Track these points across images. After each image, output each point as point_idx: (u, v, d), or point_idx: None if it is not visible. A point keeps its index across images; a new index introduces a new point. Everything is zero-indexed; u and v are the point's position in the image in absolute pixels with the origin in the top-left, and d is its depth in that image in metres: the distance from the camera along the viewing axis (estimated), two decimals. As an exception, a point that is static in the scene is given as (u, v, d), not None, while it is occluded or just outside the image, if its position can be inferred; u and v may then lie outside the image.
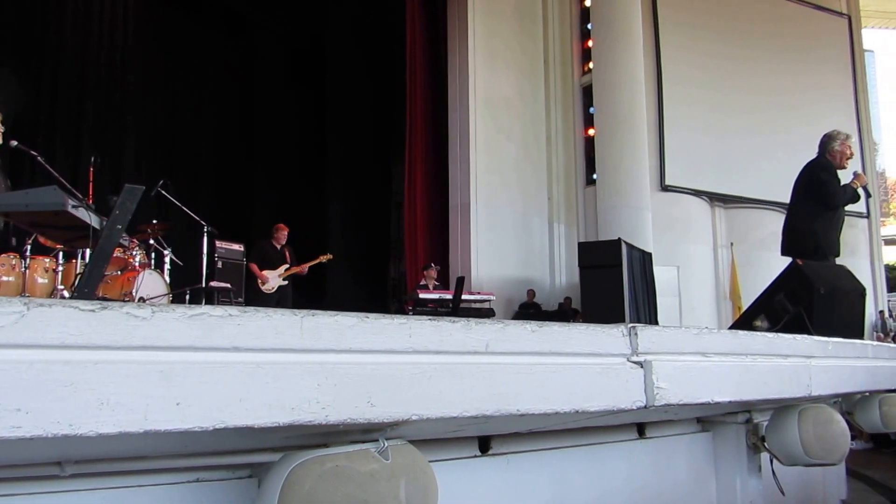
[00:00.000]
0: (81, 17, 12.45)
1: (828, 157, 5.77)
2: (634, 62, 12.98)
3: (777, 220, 14.49)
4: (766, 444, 2.69)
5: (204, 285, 8.40)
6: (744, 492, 2.74)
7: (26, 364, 0.91)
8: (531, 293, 12.96)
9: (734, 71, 14.92)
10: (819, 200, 5.64)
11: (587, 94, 14.31)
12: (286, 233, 9.54)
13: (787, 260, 4.82)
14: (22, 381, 0.90)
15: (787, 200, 6.03)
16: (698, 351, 2.01)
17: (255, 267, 9.27)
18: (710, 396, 1.96)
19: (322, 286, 13.23)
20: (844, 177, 5.79)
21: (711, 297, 14.22)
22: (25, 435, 0.90)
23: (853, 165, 6.03)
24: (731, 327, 4.90)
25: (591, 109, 13.85)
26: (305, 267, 9.50)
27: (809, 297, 4.04)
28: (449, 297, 10.02)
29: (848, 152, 5.75)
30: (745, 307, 7.77)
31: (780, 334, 2.47)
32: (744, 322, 4.51)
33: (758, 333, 2.48)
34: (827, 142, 5.83)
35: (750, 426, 2.79)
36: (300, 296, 9.74)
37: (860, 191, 5.67)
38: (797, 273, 4.25)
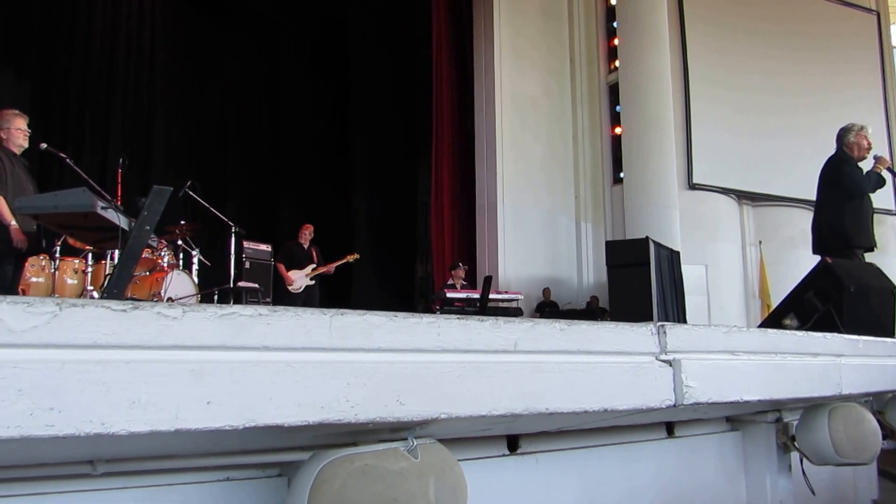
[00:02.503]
0: (109, 21, 12.61)
1: (845, 150, 5.75)
2: (661, 60, 12.87)
3: (805, 218, 14.28)
4: (796, 443, 2.66)
5: (232, 285, 8.46)
6: (774, 491, 2.71)
7: (59, 363, 0.92)
8: (547, 292, 12.89)
9: (761, 69, 14.71)
10: (843, 194, 5.60)
11: (614, 93, 14.21)
12: (312, 232, 9.58)
13: (816, 258, 4.74)
14: (55, 381, 0.91)
15: (816, 198, 5.97)
16: (727, 349, 1.99)
17: (281, 267, 9.31)
18: (740, 395, 1.94)
19: (348, 286, 13.29)
20: (866, 167, 5.74)
21: (740, 296, 14.04)
22: (59, 433, 0.91)
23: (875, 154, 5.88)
24: (760, 326, 4.83)
25: (618, 108, 13.74)
26: (332, 267, 9.53)
27: (839, 295, 3.98)
28: (476, 296, 10.01)
29: (864, 143, 5.73)
30: (774, 306, 7.67)
31: (810, 333, 2.43)
32: (773, 320, 4.45)
33: (787, 332, 2.45)
34: (843, 135, 5.81)
35: (780, 425, 2.75)
36: (326, 295, 9.78)
37: (885, 173, 5.65)
38: (827, 271, 4.18)
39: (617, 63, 13.87)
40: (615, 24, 14.06)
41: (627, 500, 2.25)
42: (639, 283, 10.27)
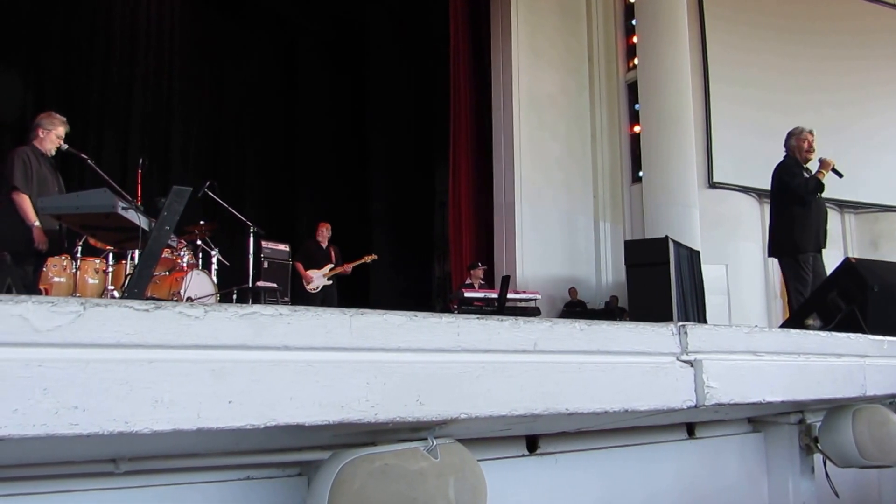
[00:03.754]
0: (128, 22, 12.75)
1: (790, 155, 6.04)
2: (680, 58, 12.78)
3: (830, 217, 14.16)
4: (819, 445, 2.63)
5: (251, 285, 8.51)
6: (796, 494, 2.68)
7: (83, 363, 0.93)
8: (573, 291, 12.85)
9: (783, 66, 14.56)
10: (789, 200, 5.88)
11: (632, 91, 14.15)
12: (330, 230, 9.58)
13: (841, 257, 4.71)
14: (79, 380, 0.92)
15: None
16: (750, 350, 1.97)
17: (300, 266, 9.32)
18: (762, 396, 1.93)
19: (366, 286, 13.33)
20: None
21: (761, 296, 13.92)
22: (83, 432, 0.92)
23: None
24: (782, 326, 4.79)
25: (637, 106, 13.68)
26: (349, 267, 9.54)
27: (863, 294, 3.92)
28: (494, 296, 10.00)
29: (804, 145, 5.98)
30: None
31: (834, 333, 2.41)
32: (795, 321, 4.41)
33: (811, 332, 2.43)
34: (787, 139, 6.13)
35: (803, 427, 2.72)
36: (344, 295, 9.80)
37: (831, 173, 5.85)
38: (850, 270, 4.13)
39: (636, 61, 13.80)
40: (634, 22, 13.99)
41: (648, 501, 2.24)
42: (658, 283, 10.21)
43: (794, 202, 5.84)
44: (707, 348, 1.80)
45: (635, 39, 13.88)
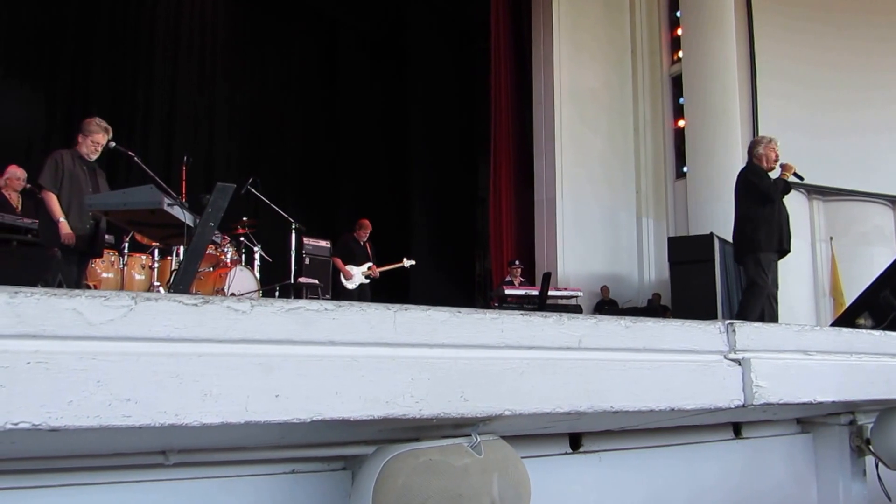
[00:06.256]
0: (173, 21, 12.97)
1: (755, 162, 6.24)
2: (727, 50, 12.53)
3: (881, 213, 13.81)
4: (871, 446, 2.56)
5: (293, 282, 8.58)
6: (847, 497, 2.62)
7: (135, 356, 0.95)
8: (605, 290, 12.70)
9: (836, 62, 14.15)
10: (754, 203, 6.08)
11: (677, 84, 13.92)
12: (369, 228, 9.50)
13: (892, 255, 4.62)
14: (131, 373, 0.94)
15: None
16: (800, 349, 1.94)
17: (338, 261, 9.25)
18: (812, 396, 1.89)
19: (406, 282, 13.36)
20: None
21: (810, 294, 13.60)
22: (135, 424, 0.93)
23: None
24: (832, 325, 4.70)
25: (681, 100, 13.46)
26: (378, 271, 9.40)
27: (918, 293, 3.83)
28: (535, 293, 9.96)
29: (773, 154, 6.21)
30: (847, 304, 7.46)
31: (887, 332, 2.34)
32: (846, 320, 4.33)
33: (863, 331, 2.37)
34: (753, 147, 6.35)
35: (854, 428, 2.66)
36: (383, 292, 9.77)
37: (792, 178, 6.20)
38: (904, 268, 4.03)
39: (680, 54, 13.58)
40: (678, 14, 13.77)
41: (693, 501, 2.21)
42: (703, 281, 10.07)
43: (760, 203, 6.05)
44: (756, 347, 1.77)
45: (679, 31, 13.66)
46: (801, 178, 6.32)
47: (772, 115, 13.41)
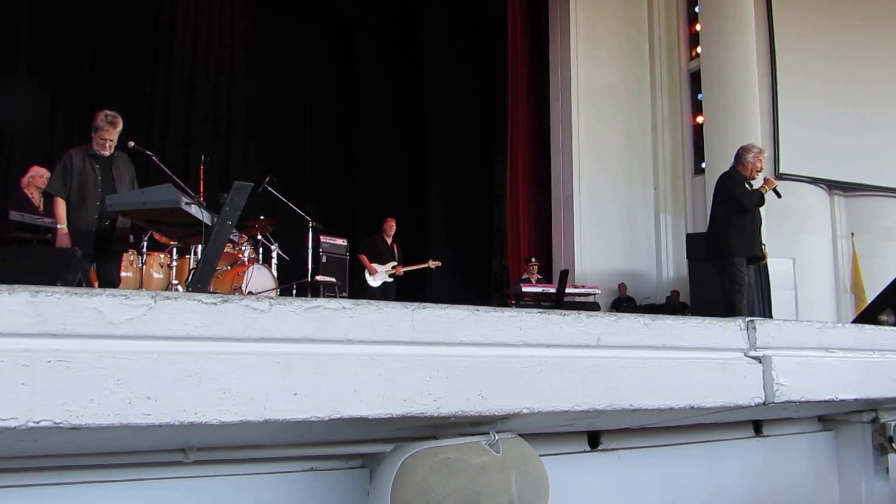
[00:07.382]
0: (191, 20, 13.04)
1: (739, 169, 6.35)
2: (746, 45, 12.40)
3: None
4: (894, 444, 2.53)
5: (310, 280, 8.60)
6: (869, 495, 2.59)
7: (155, 354, 0.95)
8: (622, 287, 12.63)
9: (856, 57, 13.96)
10: (731, 208, 6.17)
11: (695, 81, 13.81)
12: (394, 227, 9.51)
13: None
14: (151, 371, 0.94)
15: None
16: (821, 346, 1.92)
17: (365, 258, 9.26)
18: (835, 394, 1.87)
19: (423, 280, 13.37)
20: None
21: (830, 291, 13.45)
22: (155, 422, 0.94)
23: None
24: (854, 322, 4.64)
25: (700, 96, 13.35)
26: (402, 270, 9.42)
27: (942, 289, 3.78)
28: (552, 290, 9.92)
29: (759, 165, 6.36)
30: (869, 300, 7.38)
31: (911, 329, 2.31)
32: (867, 316, 4.27)
33: (886, 328, 2.34)
34: (742, 154, 6.41)
35: (877, 426, 2.63)
36: (400, 289, 9.78)
37: (770, 194, 6.28)
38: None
39: (699, 49, 13.46)
40: (697, 9, 13.65)
41: (713, 499, 2.20)
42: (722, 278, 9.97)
43: (735, 210, 6.15)
44: (777, 344, 1.75)
45: (698, 27, 13.54)
46: (779, 195, 6.45)
47: (791, 111, 13.27)
